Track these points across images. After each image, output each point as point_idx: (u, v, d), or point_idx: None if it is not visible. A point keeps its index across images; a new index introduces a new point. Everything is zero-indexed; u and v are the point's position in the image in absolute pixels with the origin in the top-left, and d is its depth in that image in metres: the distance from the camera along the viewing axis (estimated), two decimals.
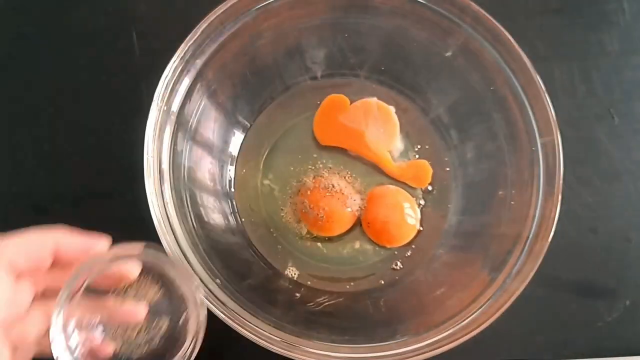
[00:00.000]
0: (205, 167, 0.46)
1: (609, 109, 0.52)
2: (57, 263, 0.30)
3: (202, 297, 0.32)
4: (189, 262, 0.37)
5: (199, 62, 0.40)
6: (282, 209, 0.48)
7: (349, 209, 0.46)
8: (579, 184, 0.49)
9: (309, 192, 0.47)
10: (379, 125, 0.49)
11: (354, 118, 0.49)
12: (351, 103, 0.50)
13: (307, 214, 0.46)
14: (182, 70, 0.40)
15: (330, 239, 0.48)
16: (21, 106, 0.52)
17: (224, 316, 0.35)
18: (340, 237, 0.48)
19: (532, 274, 0.37)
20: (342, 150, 0.49)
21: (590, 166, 0.50)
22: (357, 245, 0.48)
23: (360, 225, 0.48)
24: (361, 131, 0.48)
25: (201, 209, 0.43)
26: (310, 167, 0.49)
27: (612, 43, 0.53)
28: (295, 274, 0.47)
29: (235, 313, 0.36)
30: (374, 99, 0.49)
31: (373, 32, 0.46)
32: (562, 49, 0.53)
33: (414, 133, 0.50)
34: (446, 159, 0.49)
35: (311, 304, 0.44)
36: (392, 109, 0.49)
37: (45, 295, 0.31)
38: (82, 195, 0.49)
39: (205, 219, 0.43)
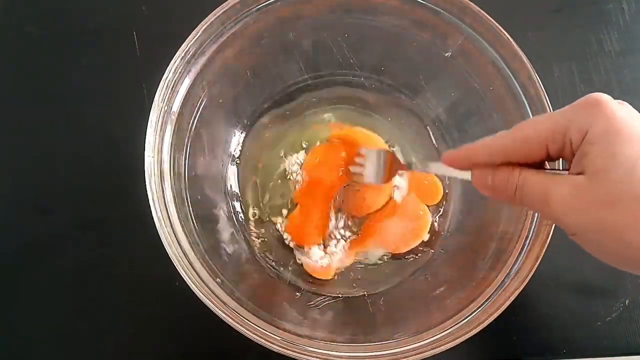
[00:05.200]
0: (206, 167, 0.46)
1: None
2: None
3: None
4: (189, 261, 0.37)
5: (199, 63, 0.40)
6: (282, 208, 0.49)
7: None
8: None
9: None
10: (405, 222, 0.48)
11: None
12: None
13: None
14: (182, 71, 0.40)
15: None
16: (22, 106, 0.52)
17: (224, 315, 0.35)
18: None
19: (531, 273, 0.37)
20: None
21: None
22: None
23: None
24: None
25: (202, 208, 0.43)
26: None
27: (612, 43, 0.53)
28: (296, 271, 0.47)
29: (236, 312, 0.36)
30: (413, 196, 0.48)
31: (373, 32, 0.46)
32: (561, 49, 0.53)
33: (413, 133, 0.50)
34: None
35: (311, 303, 0.44)
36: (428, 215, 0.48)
37: None
38: (83, 196, 0.50)
39: (206, 219, 0.43)
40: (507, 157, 0.31)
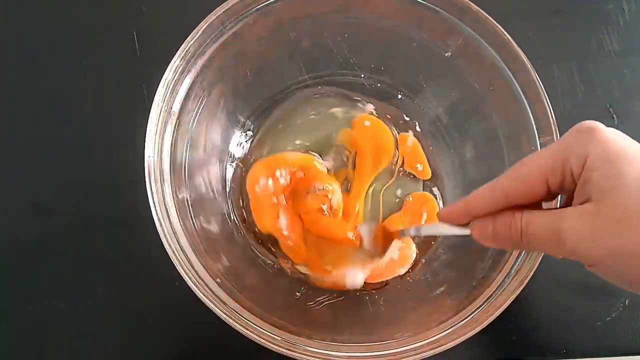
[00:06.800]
0: (206, 167, 0.46)
1: (609, 109, 0.52)
2: None
3: None
4: (189, 261, 0.37)
5: (199, 63, 0.40)
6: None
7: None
8: None
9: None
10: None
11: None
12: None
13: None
14: (182, 71, 0.40)
15: None
16: (22, 106, 0.52)
17: (224, 315, 0.35)
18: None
19: (531, 273, 0.37)
20: None
21: None
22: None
23: None
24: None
25: (201, 208, 0.43)
26: None
27: (612, 43, 0.53)
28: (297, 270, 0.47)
29: (236, 312, 0.36)
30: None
31: (373, 32, 0.46)
32: (561, 49, 0.53)
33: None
34: (446, 158, 0.49)
35: (311, 303, 0.44)
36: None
37: None
38: (83, 196, 0.50)
39: (206, 219, 0.43)
40: (508, 201, 0.30)
